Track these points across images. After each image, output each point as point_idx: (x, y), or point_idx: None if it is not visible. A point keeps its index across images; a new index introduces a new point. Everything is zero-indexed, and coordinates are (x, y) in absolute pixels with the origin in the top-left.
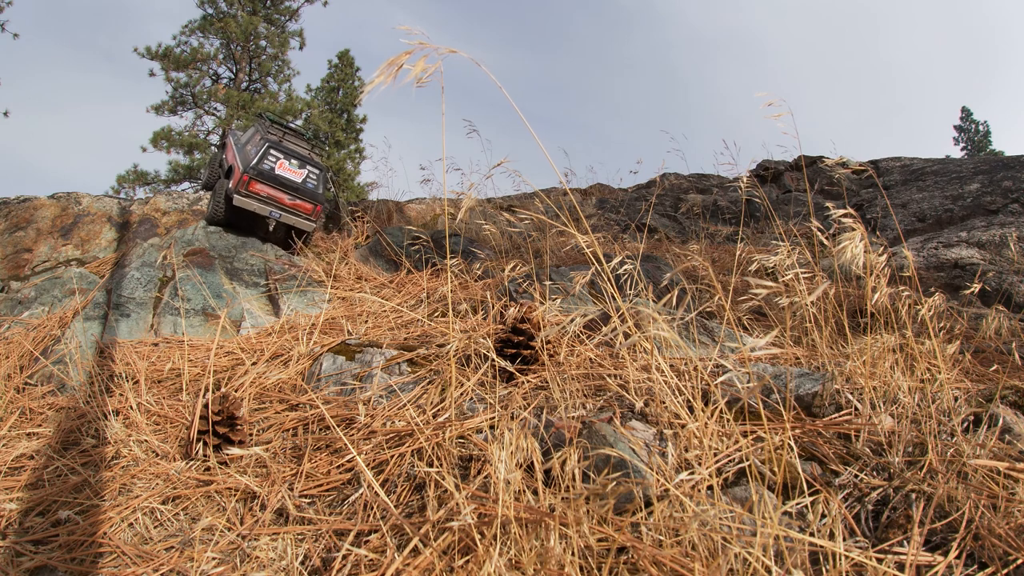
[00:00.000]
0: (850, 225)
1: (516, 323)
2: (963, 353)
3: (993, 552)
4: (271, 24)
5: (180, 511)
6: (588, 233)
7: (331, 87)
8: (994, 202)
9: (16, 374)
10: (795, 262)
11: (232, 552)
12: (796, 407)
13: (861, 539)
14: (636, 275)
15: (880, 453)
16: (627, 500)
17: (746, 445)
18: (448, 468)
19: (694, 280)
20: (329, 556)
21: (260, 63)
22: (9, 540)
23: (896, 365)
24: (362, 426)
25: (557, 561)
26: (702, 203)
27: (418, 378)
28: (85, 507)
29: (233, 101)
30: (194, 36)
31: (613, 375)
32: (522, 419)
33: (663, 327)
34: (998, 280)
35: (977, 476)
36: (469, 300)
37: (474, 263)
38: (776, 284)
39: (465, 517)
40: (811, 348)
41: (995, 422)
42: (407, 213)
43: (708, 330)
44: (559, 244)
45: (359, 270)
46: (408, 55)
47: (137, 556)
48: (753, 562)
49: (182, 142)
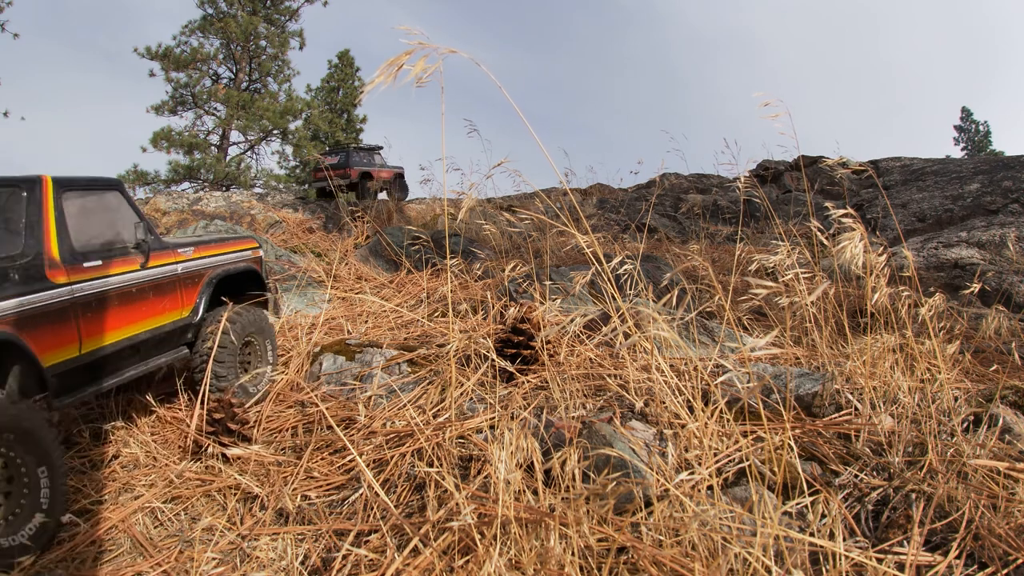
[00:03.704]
0: (850, 225)
1: (516, 323)
2: (963, 353)
3: (993, 552)
4: (271, 24)
5: (181, 510)
6: (588, 233)
7: (331, 87)
8: (994, 202)
9: None
10: (795, 262)
11: (232, 552)
12: (796, 407)
13: (861, 539)
14: (636, 275)
15: (880, 453)
16: (627, 500)
17: (746, 445)
18: (448, 468)
19: (694, 280)
20: (329, 556)
21: (260, 63)
22: None
23: (896, 365)
24: (362, 426)
25: (557, 561)
26: (702, 203)
27: (418, 378)
28: (85, 506)
29: (233, 101)
30: (194, 36)
31: (613, 375)
32: (522, 419)
33: (663, 327)
34: (998, 280)
35: (977, 476)
36: (469, 300)
37: (474, 263)
38: (776, 284)
39: (465, 517)
40: (811, 348)
41: (995, 422)
42: (407, 213)
43: (708, 330)
44: (559, 244)
45: (359, 270)
46: (408, 55)
47: (138, 555)
48: (753, 562)
49: (182, 142)
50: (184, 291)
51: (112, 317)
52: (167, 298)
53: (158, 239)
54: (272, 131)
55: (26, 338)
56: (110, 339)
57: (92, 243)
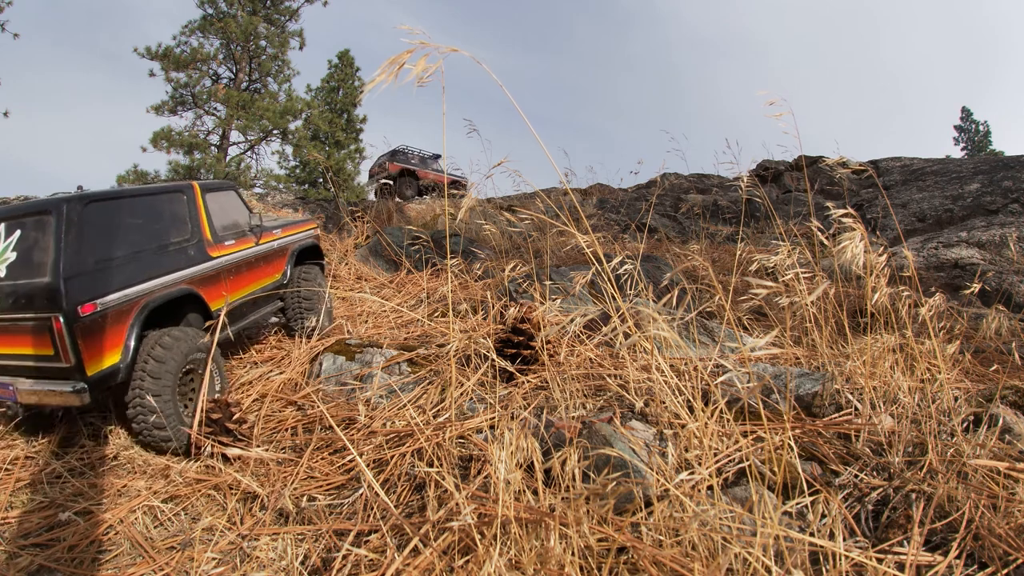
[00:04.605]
0: (850, 225)
1: (516, 323)
2: (963, 353)
3: (993, 552)
4: (271, 24)
5: (181, 511)
6: (588, 233)
7: (331, 87)
8: (994, 202)
9: None
10: (795, 262)
11: (232, 552)
12: (796, 407)
13: (861, 539)
14: (636, 275)
15: (880, 453)
16: (627, 500)
17: (746, 445)
18: (448, 468)
19: (694, 280)
20: (329, 556)
21: (260, 63)
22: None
23: (896, 365)
24: (362, 426)
25: (557, 561)
26: (702, 203)
27: (418, 378)
28: (84, 507)
29: (233, 101)
30: (194, 36)
31: (613, 375)
32: (522, 419)
33: (663, 327)
34: (998, 280)
35: (977, 476)
36: (469, 300)
37: (474, 263)
38: (776, 284)
39: (465, 517)
40: (811, 348)
41: (995, 422)
42: (407, 213)
43: (708, 330)
44: (559, 244)
45: (359, 270)
46: (409, 54)
47: (137, 556)
48: (753, 562)
49: (182, 142)
50: (279, 260)
51: (240, 279)
52: (270, 266)
53: (261, 223)
54: (272, 131)
55: (201, 292)
56: (239, 294)
57: (226, 228)
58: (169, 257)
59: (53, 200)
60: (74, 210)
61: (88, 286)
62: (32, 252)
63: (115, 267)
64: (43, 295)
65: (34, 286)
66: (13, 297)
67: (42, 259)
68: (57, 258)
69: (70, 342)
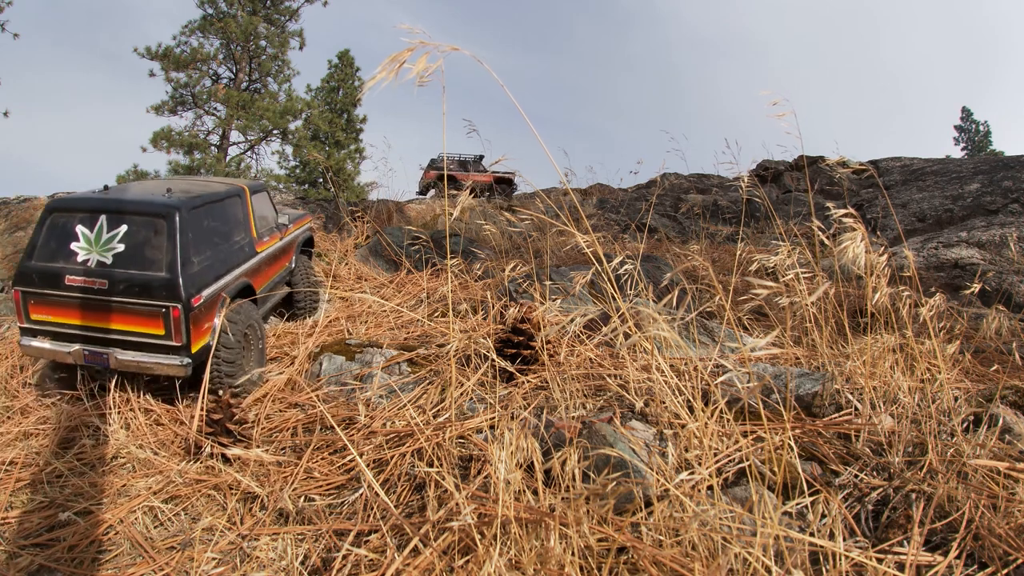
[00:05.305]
0: (850, 225)
1: (516, 323)
2: (963, 353)
3: (993, 552)
4: (271, 24)
5: (181, 511)
6: (588, 233)
7: (331, 87)
8: (994, 202)
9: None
10: (795, 262)
11: (232, 552)
12: (796, 407)
13: (861, 539)
14: (636, 275)
15: (880, 453)
16: (627, 500)
17: (746, 445)
18: (448, 468)
19: (694, 280)
20: (329, 556)
21: (260, 63)
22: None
23: (896, 365)
24: (362, 426)
25: (557, 561)
26: (702, 203)
27: (418, 378)
28: (85, 507)
29: (233, 101)
30: (194, 36)
31: (613, 375)
32: (522, 419)
33: (663, 327)
34: (998, 280)
35: (977, 476)
36: (469, 300)
37: (474, 263)
38: (776, 284)
39: (465, 517)
40: (811, 348)
41: (995, 422)
42: (407, 213)
43: (708, 330)
44: (559, 244)
45: (359, 270)
46: (410, 52)
47: (137, 556)
48: (753, 562)
49: (182, 142)
50: (290, 250)
51: (270, 268)
52: (285, 256)
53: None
54: (272, 131)
55: (252, 281)
56: (269, 279)
57: (263, 226)
58: (235, 253)
59: (162, 205)
60: (184, 216)
61: (196, 281)
62: (143, 248)
63: (208, 264)
64: (162, 287)
65: (151, 278)
66: (125, 284)
67: (155, 256)
68: (174, 258)
69: (184, 327)
